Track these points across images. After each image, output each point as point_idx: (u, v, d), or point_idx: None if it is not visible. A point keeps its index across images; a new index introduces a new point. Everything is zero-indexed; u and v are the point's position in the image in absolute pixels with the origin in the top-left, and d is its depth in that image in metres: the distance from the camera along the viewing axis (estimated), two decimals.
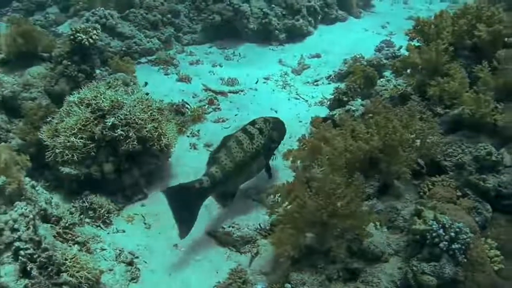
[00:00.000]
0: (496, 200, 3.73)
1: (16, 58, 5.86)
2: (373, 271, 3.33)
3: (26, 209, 3.79)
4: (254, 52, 8.62)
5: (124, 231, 4.75)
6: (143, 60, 7.76)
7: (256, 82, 7.50)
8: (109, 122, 4.77)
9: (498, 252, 3.39)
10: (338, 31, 9.63)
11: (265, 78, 7.68)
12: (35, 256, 3.59)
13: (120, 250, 4.45)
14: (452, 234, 3.11)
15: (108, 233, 4.69)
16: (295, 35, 9.14)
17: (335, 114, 5.85)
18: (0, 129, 5.35)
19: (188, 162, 5.63)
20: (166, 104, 5.53)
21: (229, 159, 4.57)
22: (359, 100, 5.94)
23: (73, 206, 4.77)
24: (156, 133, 4.97)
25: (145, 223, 4.87)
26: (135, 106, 4.93)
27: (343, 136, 4.10)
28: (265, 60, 8.34)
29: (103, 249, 4.44)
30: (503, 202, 3.71)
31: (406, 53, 5.88)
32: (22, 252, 3.56)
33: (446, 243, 3.10)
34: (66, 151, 4.75)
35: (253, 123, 5.00)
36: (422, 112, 4.45)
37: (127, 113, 4.84)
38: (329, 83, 7.65)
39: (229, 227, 4.69)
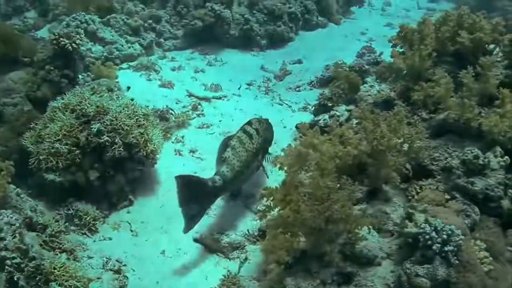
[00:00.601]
0: (483, 202, 3.80)
1: None
2: (366, 275, 3.35)
3: (12, 217, 3.71)
4: (236, 58, 8.62)
5: (110, 239, 4.68)
6: (124, 65, 7.65)
7: (239, 88, 7.50)
8: (95, 128, 4.70)
9: (487, 254, 3.45)
10: (319, 37, 9.72)
11: (247, 84, 7.69)
12: (22, 266, 3.51)
13: (107, 258, 4.40)
14: (444, 236, 3.15)
15: (94, 241, 4.61)
16: (276, 41, 9.19)
17: (320, 119, 5.90)
18: None
19: (174, 168, 5.56)
20: (150, 110, 5.48)
21: (237, 158, 4.60)
22: (343, 105, 6.00)
23: (58, 214, 4.68)
24: (142, 139, 4.91)
25: (131, 230, 4.81)
26: (121, 111, 4.87)
27: (332, 142, 4.12)
28: (247, 66, 8.35)
29: (90, 257, 4.39)
30: (490, 205, 3.78)
31: (388, 59, 6.00)
32: (8, 262, 3.48)
33: (439, 245, 3.13)
34: (51, 158, 4.66)
35: (249, 123, 5.05)
36: (408, 117, 4.52)
37: (113, 119, 4.78)
38: (311, 89, 7.70)
39: (217, 233, 4.67)
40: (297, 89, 7.72)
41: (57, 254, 3.95)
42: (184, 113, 6.33)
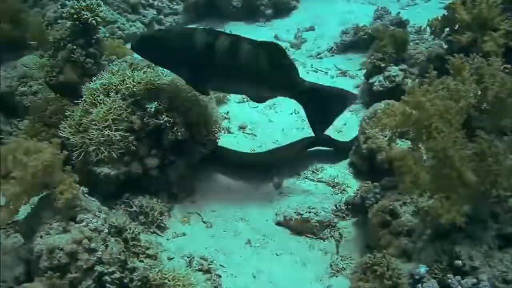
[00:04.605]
0: None
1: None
2: None
3: (97, 223, 3.03)
4: (243, 30, 7.93)
5: (184, 234, 4.04)
6: (128, 45, 6.86)
7: None
8: (152, 107, 4.02)
9: None
10: (322, 3, 9.16)
11: None
12: (125, 281, 2.87)
13: (188, 257, 3.76)
14: None
15: (168, 239, 3.96)
16: (281, 10, 8.59)
17: (374, 81, 5.45)
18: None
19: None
20: None
21: None
22: (394, 66, 5.55)
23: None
24: (203, 117, 4.28)
25: (204, 222, 4.18)
26: (176, 87, 4.20)
27: (442, 96, 3.66)
28: (259, 37, 7.53)
29: (170, 259, 3.74)
30: None
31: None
32: (108, 278, 2.84)
33: None
34: (102, 148, 3.94)
35: None
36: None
37: (171, 96, 4.11)
38: (332, 55, 7.19)
39: (307, 212, 4.14)
40: (318, 56, 7.21)
41: (142, 261, 3.29)
42: None
